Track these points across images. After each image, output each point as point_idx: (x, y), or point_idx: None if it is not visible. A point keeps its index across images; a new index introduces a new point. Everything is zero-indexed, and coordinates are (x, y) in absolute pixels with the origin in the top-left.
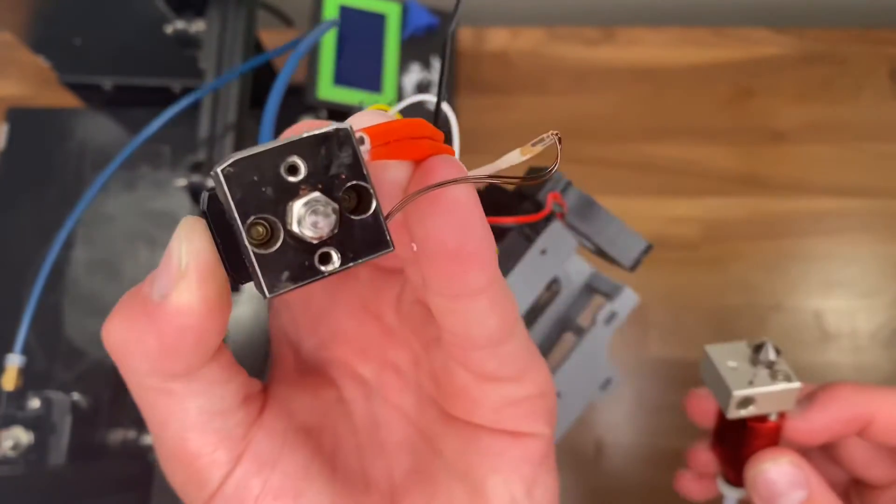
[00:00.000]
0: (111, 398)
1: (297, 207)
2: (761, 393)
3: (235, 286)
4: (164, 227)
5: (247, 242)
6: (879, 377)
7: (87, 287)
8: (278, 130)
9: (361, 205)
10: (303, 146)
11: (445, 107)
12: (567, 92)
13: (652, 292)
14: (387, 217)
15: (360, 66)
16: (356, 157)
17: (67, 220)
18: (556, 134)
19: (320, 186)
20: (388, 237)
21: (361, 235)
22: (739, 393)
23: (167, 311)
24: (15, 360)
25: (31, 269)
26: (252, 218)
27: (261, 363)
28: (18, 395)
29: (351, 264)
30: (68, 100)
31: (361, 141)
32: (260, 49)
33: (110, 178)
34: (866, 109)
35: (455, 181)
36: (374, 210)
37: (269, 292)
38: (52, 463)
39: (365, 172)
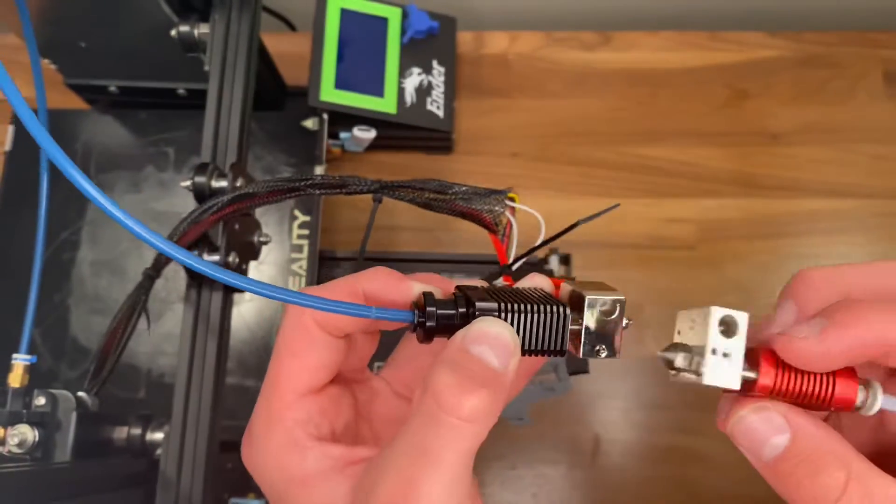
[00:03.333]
0: (115, 396)
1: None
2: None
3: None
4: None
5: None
6: None
7: (92, 287)
8: (276, 128)
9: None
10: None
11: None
12: (565, 95)
13: (648, 292)
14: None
15: (362, 69)
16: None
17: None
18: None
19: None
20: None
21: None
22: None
23: (508, 376)
24: (21, 358)
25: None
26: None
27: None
28: (25, 393)
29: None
30: (74, 101)
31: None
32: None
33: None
34: (860, 111)
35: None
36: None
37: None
38: (57, 460)
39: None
